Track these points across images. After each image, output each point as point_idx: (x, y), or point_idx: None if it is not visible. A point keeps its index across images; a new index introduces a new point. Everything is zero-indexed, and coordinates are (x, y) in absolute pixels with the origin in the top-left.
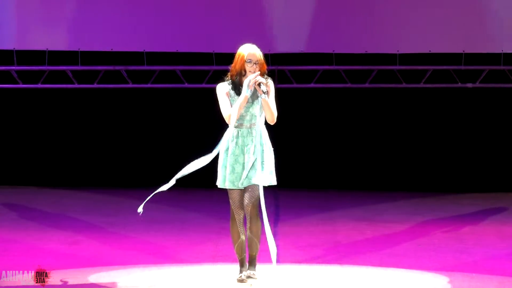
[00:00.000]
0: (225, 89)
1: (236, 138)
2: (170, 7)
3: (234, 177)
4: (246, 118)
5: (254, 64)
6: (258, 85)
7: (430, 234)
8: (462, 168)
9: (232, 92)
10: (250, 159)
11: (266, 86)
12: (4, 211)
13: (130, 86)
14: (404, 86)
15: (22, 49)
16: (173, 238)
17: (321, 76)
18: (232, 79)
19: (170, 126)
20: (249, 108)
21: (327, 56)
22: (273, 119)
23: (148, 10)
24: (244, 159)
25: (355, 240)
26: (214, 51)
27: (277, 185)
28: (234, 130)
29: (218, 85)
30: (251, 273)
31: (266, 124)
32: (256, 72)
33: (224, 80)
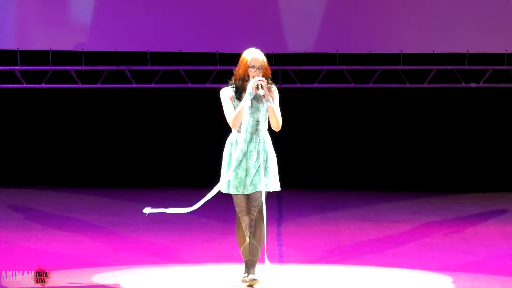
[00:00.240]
0: (228, 93)
1: (239, 143)
2: (173, 7)
3: (238, 182)
4: (250, 123)
5: (257, 69)
6: (256, 87)
7: (433, 234)
8: (466, 168)
9: (235, 96)
10: (254, 165)
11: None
12: (8, 211)
13: (134, 86)
14: (407, 86)
15: (26, 49)
16: (176, 238)
17: (324, 76)
18: (235, 84)
19: (173, 126)
20: (253, 113)
21: (331, 56)
22: (278, 126)
23: (151, 10)
24: (247, 165)
25: (359, 240)
26: (217, 51)
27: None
28: (238, 135)
29: (222, 89)
30: (253, 278)
31: (269, 129)
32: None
33: (228, 84)
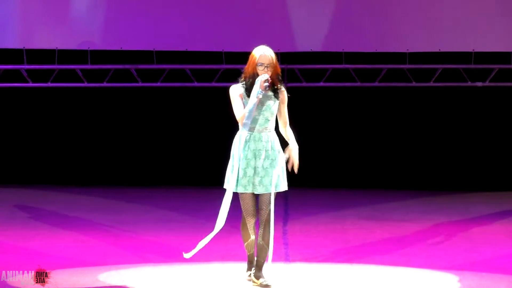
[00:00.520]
0: (238, 91)
1: (248, 141)
2: (179, 6)
3: (246, 181)
4: (259, 121)
5: (266, 67)
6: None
7: (440, 233)
8: (472, 167)
9: (245, 94)
10: (263, 164)
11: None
12: (14, 210)
13: (140, 85)
14: (413, 85)
15: (32, 48)
16: (182, 237)
17: (330, 75)
18: (245, 82)
19: (179, 125)
20: (262, 111)
21: (337, 55)
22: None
23: (157, 9)
24: (256, 163)
25: (365, 239)
26: (223, 50)
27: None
28: (247, 133)
29: (232, 86)
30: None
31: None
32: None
33: (238, 81)
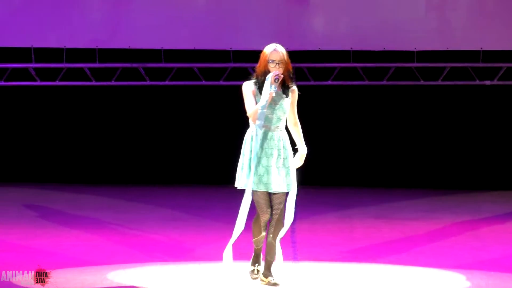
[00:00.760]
0: (251, 87)
1: (261, 140)
2: (187, 5)
3: (257, 179)
4: (272, 120)
5: (277, 64)
6: (274, 80)
7: (447, 231)
8: (480, 165)
9: (257, 91)
10: (276, 164)
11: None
12: (21, 209)
13: (148, 83)
14: (421, 83)
15: (40, 46)
16: (189, 236)
17: (338, 73)
18: (257, 79)
19: (187, 123)
20: (275, 110)
21: (345, 53)
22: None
23: (165, 8)
24: (267, 162)
25: (372, 237)
26: (231, 49)
27: None
28: (259, 131)
29: (244, 83)
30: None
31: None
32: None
33: (250, 79)
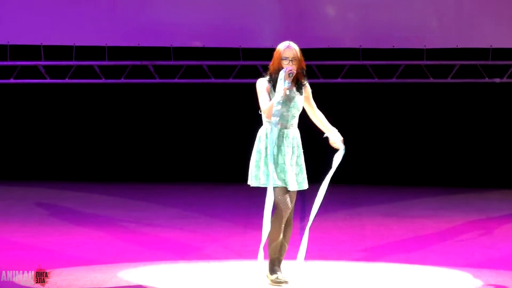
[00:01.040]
0: (265, 84)
1: (276, 138)
2: (196, 2)
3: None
4: (286, 118)
5: (290, 61)
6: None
7: (457, 229)
8: (489, 163)
9: (272, 89)
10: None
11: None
12: (31, 207)
13: (157, 81)
14: (431, 81)
15: (50, 44)
16: (199, 234)
17: (347, 71)
18: (271, 77)
19: (196, 121)
20: (290, 108)
21: (354, 51)
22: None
23: (174, 5)
24: (283, 160)
25: (382, 235)
26: (241, 46)
27: None
28: (274, 129)
29: (258, 80)
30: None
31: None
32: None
33: (263, 76)
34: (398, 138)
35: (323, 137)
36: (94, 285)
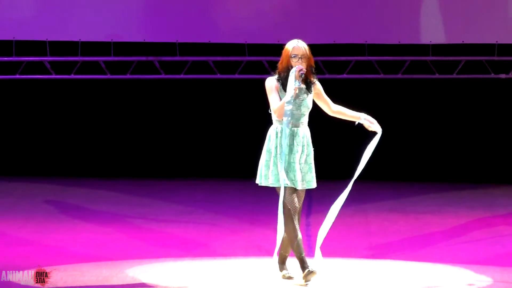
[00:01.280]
0: (274, 83)
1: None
2: None
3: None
4: (297, 116)
5: (300, 59)
6: (300, 75)
7: (462, 226)
8: (495, 159)
9: (281, 87)
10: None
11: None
12: (37, 203)
13: (163, 77)
14: (436, 77)
15: (55, 40)
16: (205, 230)
17: (353, 67)
18: (279, 76)
19: (202, 117)
20: (300, 106)
21: (360, 46)
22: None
23: (180, 1)
24: (292, 159)
25: (388, 231)
26: (246, 42)
27: None
28: (284, 128)
29: (267, 79)
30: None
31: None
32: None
33: (272, 75)
34: (403, 134)
35: (355, 124)
36: (99, 281)
